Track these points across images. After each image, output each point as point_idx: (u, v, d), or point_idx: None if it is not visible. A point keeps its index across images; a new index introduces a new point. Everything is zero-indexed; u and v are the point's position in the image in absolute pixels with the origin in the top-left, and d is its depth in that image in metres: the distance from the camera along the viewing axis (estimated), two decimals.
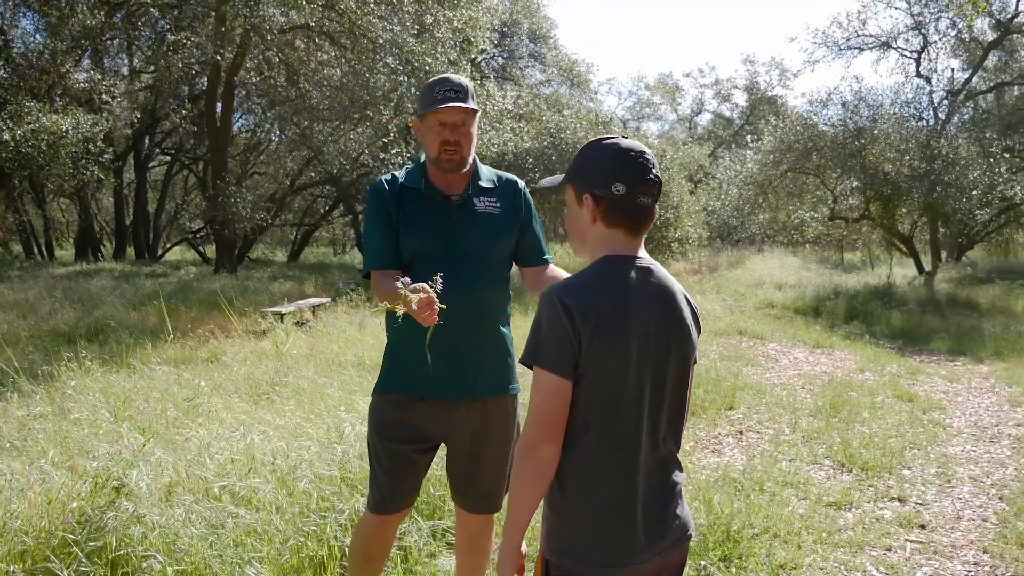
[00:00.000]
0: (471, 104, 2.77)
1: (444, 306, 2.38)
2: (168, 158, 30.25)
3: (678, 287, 2.00)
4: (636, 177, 1.92)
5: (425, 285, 2.37)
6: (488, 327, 2.84)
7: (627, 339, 1.86)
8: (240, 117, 24.17)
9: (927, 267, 22.64)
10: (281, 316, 11.26)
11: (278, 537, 3.15)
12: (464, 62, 18.23)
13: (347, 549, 2.94)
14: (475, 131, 2.86)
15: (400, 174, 2.92)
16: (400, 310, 2.34)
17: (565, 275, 2.84)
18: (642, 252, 1.98)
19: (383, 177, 2.94)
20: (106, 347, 8.90)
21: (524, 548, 2.02)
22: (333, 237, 41.30)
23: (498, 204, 2.88)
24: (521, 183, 3.00)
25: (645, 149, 1.96)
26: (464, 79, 2.84)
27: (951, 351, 11.62)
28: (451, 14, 17.79)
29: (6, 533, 2.71)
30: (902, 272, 22.44)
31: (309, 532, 3.21)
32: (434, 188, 2.83)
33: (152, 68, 19.61)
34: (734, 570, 3.86)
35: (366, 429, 4.26)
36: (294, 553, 3.11)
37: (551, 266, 2.99)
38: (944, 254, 24.16)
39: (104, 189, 26.90)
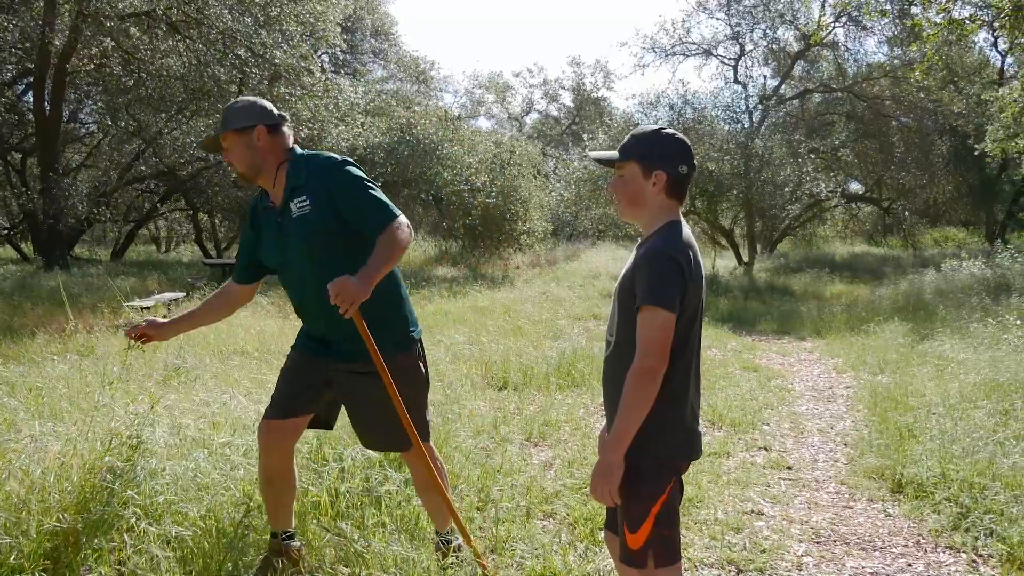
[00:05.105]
0: (225, 129, 2.98)
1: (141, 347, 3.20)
2: None
3: None
4: (692, 162, 2.47)
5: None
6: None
7: (701, 282, 2.40)
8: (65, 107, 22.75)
9: (745, 258, 24.67)
10: (143, 310, 11.07)
11: None
12: (314, 57, 18.15)
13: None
14: (254, 145, 3.00)
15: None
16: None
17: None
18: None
19: (257, 194, 3.20)
20: None
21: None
22: (156, 234, 39.04)
23: (307, 201, 2.96)
24: (336, 161, 3.00)
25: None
26: (240, 101, 3.05)
27: (777, 331, 12.94)
28: (299, 8, 17.69)
29: (40, 490, 2.86)
30: (723, 263, 24.33)
31: (310, 480, 3.52)
32: (268, 201, 3.11)
33: None
34: None
35: None
36: (299, 499, 3.41)
37: (389, 227, 2.90)
38: (759, 246, 26.33)
39: None
